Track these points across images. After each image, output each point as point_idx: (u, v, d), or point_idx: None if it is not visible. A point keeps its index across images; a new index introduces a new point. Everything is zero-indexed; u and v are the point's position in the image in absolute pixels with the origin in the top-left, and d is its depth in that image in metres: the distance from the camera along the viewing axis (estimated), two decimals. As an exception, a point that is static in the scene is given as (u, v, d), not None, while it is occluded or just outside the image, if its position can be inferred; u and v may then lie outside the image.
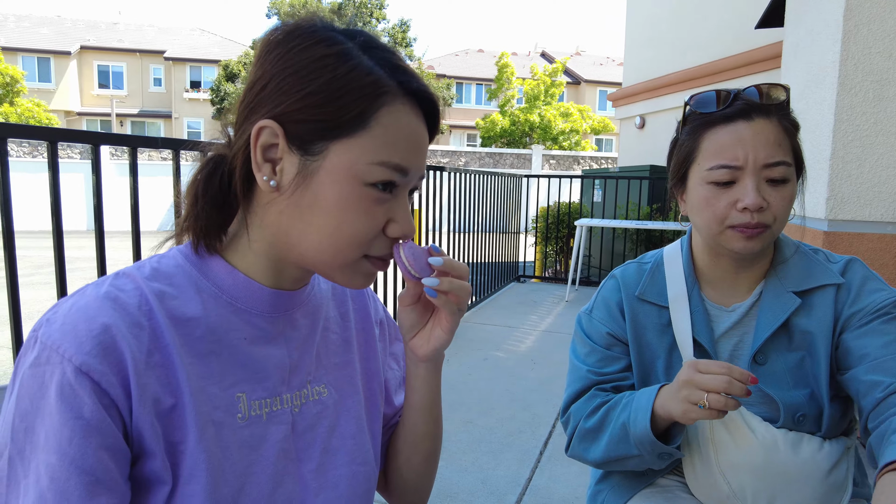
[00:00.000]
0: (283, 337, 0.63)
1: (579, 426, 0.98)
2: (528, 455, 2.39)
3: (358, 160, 0.55)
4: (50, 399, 0.48)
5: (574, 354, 1.06)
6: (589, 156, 19.01)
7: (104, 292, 0.52)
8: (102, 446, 0.48)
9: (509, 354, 3.78)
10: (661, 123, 8.87)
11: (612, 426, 0.92)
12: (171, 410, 0.53)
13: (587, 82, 29.36)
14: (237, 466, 0.56)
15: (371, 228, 0.57)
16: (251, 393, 0.59)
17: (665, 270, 1.02)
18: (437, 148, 17.84)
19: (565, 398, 1.03)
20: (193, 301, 0.57)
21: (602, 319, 1.03)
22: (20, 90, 17.82)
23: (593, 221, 5.48)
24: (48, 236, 1.50)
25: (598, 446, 0.95)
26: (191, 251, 0.60)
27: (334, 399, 0.67)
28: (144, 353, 0.52)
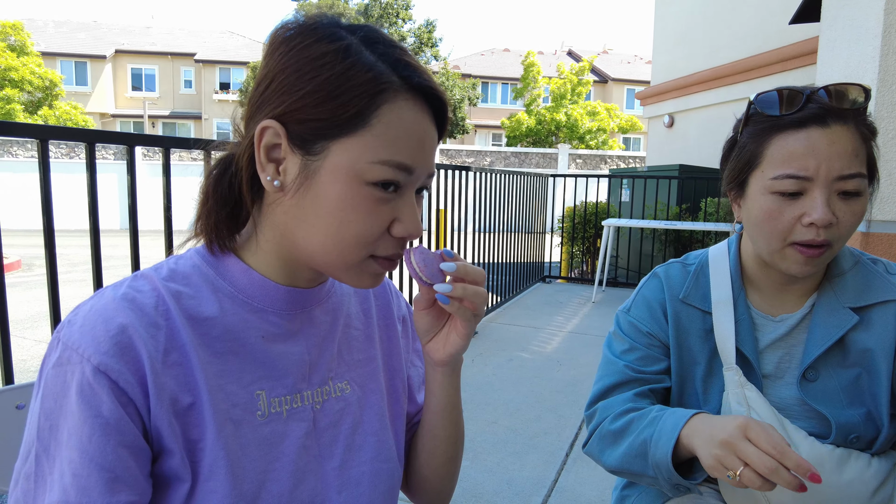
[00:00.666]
0: (302, 334, 0.63)
1: (602, 425, 0.93)
2: (553, 456, 2.37)
3: (359, 159, 0.54)
4: (71, 398, 0.49)
5: (609, 349, 1.02)
6: (616, 155, 18.78)
7: (122, 294, 0.53)
8: (121, 444, 0.49)
9: (534, 355, 3.75)
10: (690, 122, 8.72)
11: (633, 438, 0.86)
12: (188, 409, 0.53)
13: (614, 81, 29.02)
14: (257, 463, 0.56)
15: (375, 228, 0.56)
16: (271, 391, 0.59)
17: (710, 273, 0.97)
18: (462, 147, 17.82)
19: (594, 392, 0.98)
20: (210, 301, 0.58)
21: (641, 319, 0.99)
22: (58, 93, 18.36)
23: (621, 221, 5.42)
24: (82, 235, 1.54)
25: (614, 453, 0.90)
26: (207, 251, 0.61)
27: (357, 395, 0.67)
28: (161, 352, 0.52)
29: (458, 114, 21.49)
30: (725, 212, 5.64)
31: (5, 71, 16.92)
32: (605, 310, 5.14)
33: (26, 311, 5.52)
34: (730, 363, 0.91)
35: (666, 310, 0.97)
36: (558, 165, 17.98)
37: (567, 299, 5.61)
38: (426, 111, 0.57)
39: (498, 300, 5.05)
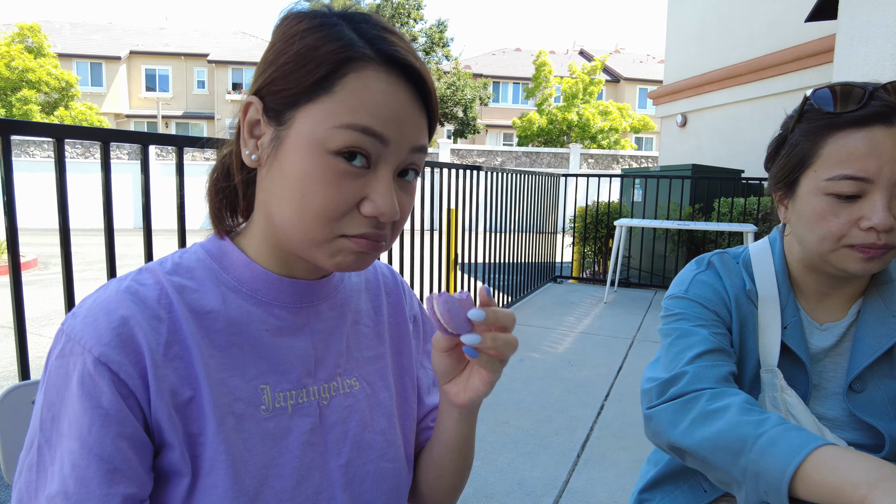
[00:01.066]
0: (308, 328, 0.62)
1: (697, 399, 0.78)
2: (565, 457, 2.36)
3: (320, 125, 0.52)
4: (73, 389, 0.49)
5: (675, 325, 0.90)
6: (628, 155, 18.68)
7: (125, 287, 0.54)
8: (121, 435, 0.49)
9: (546, 356, 3.74)
10: (704, 121, 8.65)
11: (729, 428, 0.72)
12: (188, 402, 0.53)
13: (627, 80, 28.86)
14: (260, 458, 0.56)
15: (338, 203, 0.53)
16: (275, 385, 0.58)
17: (754, 270, 0.93)
18: (474, 147, 17.80)
19: (687, 357, 0.83)
20: (213, 294, 0.57)
21: (707, 299, 0.90)
22: (74, 94, 18.58)
23: (634, 221, 5.38)
24: (96, 234, 1.55)
25: (697, 432, 0.75)
26: (212, 245, 0.61)
27: (366, 393, 0.66)
28: (163, 345, 0.52)
29: (469, 113, 21.48)
30: (739, 212, 5.58)
31: (23, 72, 17.14)
32: (618, 310, 5.11)
33: (42, 308, 5.59)
34: (770, 365, 0.87)
35: (729, 295, 0.90)
36: (570, 165, 17.91)
37: (579, 300, 5.58)
38: (405, 87, 0.54)
39: (508, 300, 5.03)
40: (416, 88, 0.55)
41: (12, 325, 1.31)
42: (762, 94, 7.32)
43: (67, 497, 0.48)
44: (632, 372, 3.44)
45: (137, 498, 0.50)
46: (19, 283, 1.36)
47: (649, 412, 0.84)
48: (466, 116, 21.85)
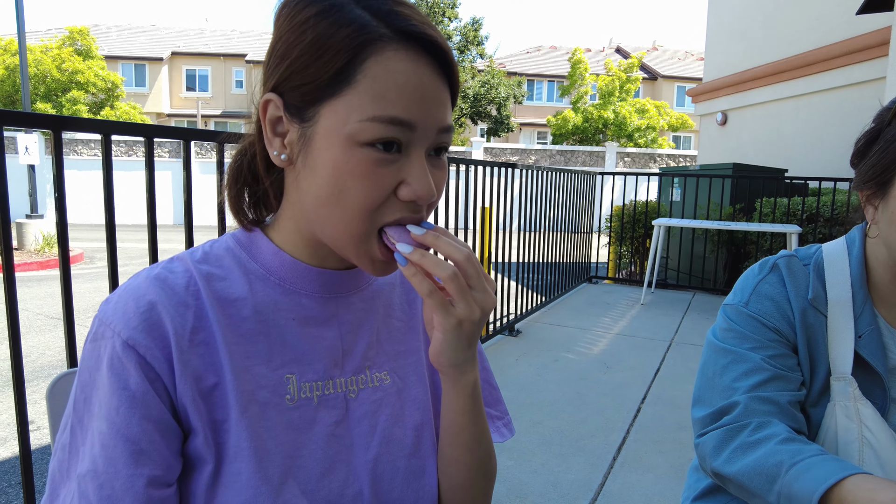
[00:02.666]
0: (336, 319, 0.61)
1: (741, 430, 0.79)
2: (600, 460, 2.32)
3: (348, 119, 0.50)
4: (103, 371, 0.51)
5: (728, 343, 0.88)
6: (666, 153, 18.30)
7: (155, 274, 0.55)
8: (147, 418, 0.50)
9: (580, 357, 3.68)
10: (745, 119, 8.41)
11: (765, 454, 0.74)
12: (212, 389, 0.53)
13: (664, 78, 28.28)
14: (284, 448, 0.55)
15: (376, 193, 0.52)
16: (301, 375, 0.58)
17: (826, 273, 0.87)
18: (507, 146, 17.69)
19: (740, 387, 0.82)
20: (240, 282, 0.57)
21: (766, 314, 0.87)
22: (119, 94, 19.17)
23: (672, 221, 5.26)
24: (138, 229, 1.59)
25: (738, 460, 0.77)
26: (242, 235, 0.61)
27: (398, 387, 0.64)
28: (189, 330, 0.53)
29: (503, 112, 21.36)
30: (782, 212, 5.41)
31: (72, 74, 17.78)
32: (655, 312, 5.01)
33: (88, 301, 5.79)
34: (842, 373, 0.82)
35: (792, 306, 0.86)
36: (605, 164, 17.65)
37: (615, 300, 5.49)
38: (425, 61, 0.52)
39: (542, 300, 4.98)
40: (436, 61, 0.53)
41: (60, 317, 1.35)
42: (808, 90, 7.07)
43: (97, 476, 0.49)
44: (669, 375, 3.36)
45: (163, 481, 0.51)
46: (68, 276, 1.39)
47: (698, 440, 0.85)
48: (500, 115, 21.74)
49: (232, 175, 0.62)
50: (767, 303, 0.87)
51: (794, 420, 0.80)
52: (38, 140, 9.70)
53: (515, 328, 4.28)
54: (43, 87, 17.61)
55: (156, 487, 0.50)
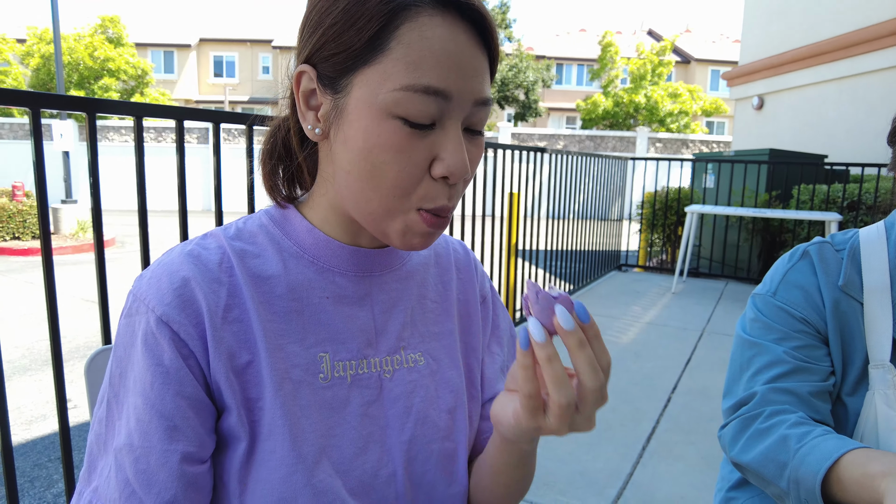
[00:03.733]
0: (370, 299, 0.60)
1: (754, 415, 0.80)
2: (629, 449, 2.29)
3: (380, 89, 0.48)
4: (137, 346, 0.50)
5: (753, 335, 0.87)
6: (699, 139, 17.88)
7: (189, 250, 0.54)
8: (180, 394, 0.50)
9: (609, 345, 3.63)
10: (783, 103, 8.14)
11: (774, 440, 0.75)
12: (246, 366, 0.52)
13: (698, 61, 27.56)
14: (318, 426, 0.54)
15: (411, 169, 0.50)
16: (335, 354, 0.57)
17: (862, 258, 0.84)
18: (535, 131, 17.48)
19: (760, 379, 0.82)
20: (274, 260, 0.57)
21: (794, 303, 0.85)
22: (149, 81, 19.49)
23: (706, 208, 5.12)
24: (167, 215, 1.60)
25: (752, 448, 0.78)
26: (276, 212, 0.60)
27: (432, 369, 0.63)
28: (222, 307, 0.52)
29: (531, 96, 21.11)
30: (821, 200, 5.23)
31: (104, 62, 18.11)
32: (686, 301, 4.91)
33: (119, 284, 5.93)
34: (880, 360, 0.79)
35: (822, 295, 0.84)
36: (636, 149, 17.33)
37: (645, 289, 5.40)
38: (462, 27, 0.49)
39: (570, 288, 4.93)
40: (475, 27, 0.50)
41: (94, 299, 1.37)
42: (851, 72, 6.79)
43: (132, 450, 0.49)
44: (700, 365, 3.30)
45: (197, 457, 0.50)
46: (102, 260, 1.41)
47: (720, 431, 0.86)
48: (528, 99, 21.47)
49: (266, 151, 0.61)
50: (796, 292, 0.85)
51: (814, 410, 0.79)
52: (73, 127, 9.92)
53: (543, 315, 4.24)
54: (76, 75, 18.00)
55: (189, 464, 0.50)
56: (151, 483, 0.49)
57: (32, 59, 17.95)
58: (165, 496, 0.49)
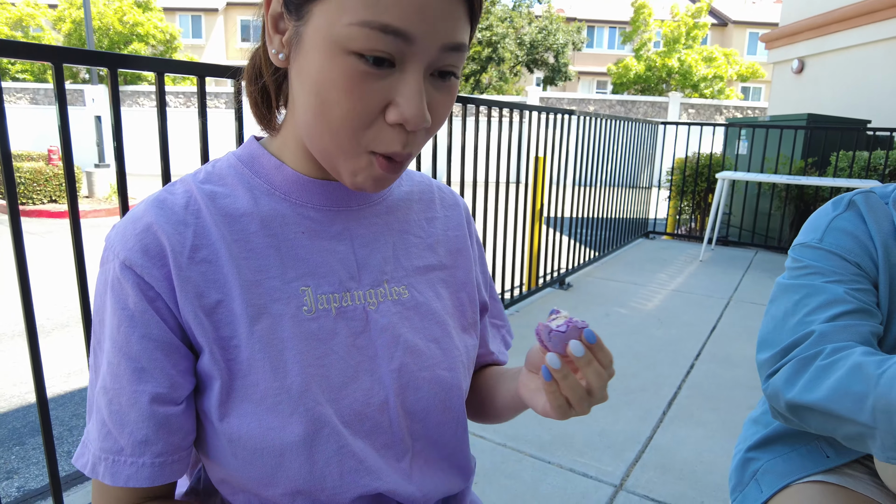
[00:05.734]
0: (348, 233, 0.60)
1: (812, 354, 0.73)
2: (649, 414, 2.28)
3: (336, 21, 0.46)
4: (108, 293, 0.52)
5: (798, 278, 0.81)
6: (733, 105, 17.28)
7: (154, 197, 0.55)
8: (146, 336, 0.51)
9: (633, 312, 3.60)
10: (825, 66, 7.79)
11: (846, 372, 0.67)
12: (216, 306, 0.53)
13: (735, 24, 26.44)
14: (303, 357, 0.54)
15: (361, 110, 0.48)
16: (317, 287, 0.57)
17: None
18: (564, 95, 17.09)
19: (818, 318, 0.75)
20: (245, 198, 0.57)
21: (846, 248, 0.79)
22: (177, 46, 19.56)
23: (737, 175, 4.97)
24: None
25: (817, 387, 0.70)
26: (243, 151, 0.60)
27: (416, 301, 0.63)
28: (188, 248, 0.53)
29: (560, 60, 20.60)
30: (861, 167, 5.03)
31: (133, 26, 18.21)
32: (714, 269, 4.82)
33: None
34: None
35: (874, 241, 0.79)
36: (668, 115, 16.85)
37: (672, 256, 5.32)
38: None
39: (595, 255, 4.88)
40: None
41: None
42: (900, 32, 6.44)
43: (106, 392, 0.52)
44: (726, 333, 3.25)
45: (168, 398, 0.51)
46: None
47: (767, 382, 0.76)
48: (558, 63, 20.95)
49: (248, 78, 0.61)
50: (846, 237, 0.80)
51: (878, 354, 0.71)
52: (104, 92, 10.04)
53: (566, 282, 4.22)
54: (106, 41, 18.15)
55: (160, 404, 0.51)
56: (124, 423, 0.51)
57: (64, 25, 18.14)
58: (138, 435, 0.51)
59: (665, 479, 1.84)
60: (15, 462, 2.05)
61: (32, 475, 1.98)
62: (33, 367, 1.31)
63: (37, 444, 2.18)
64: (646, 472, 1.89)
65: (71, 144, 1.31)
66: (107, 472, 0.51)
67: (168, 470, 0.52)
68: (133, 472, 0.51)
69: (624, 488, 1.80)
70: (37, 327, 1.30)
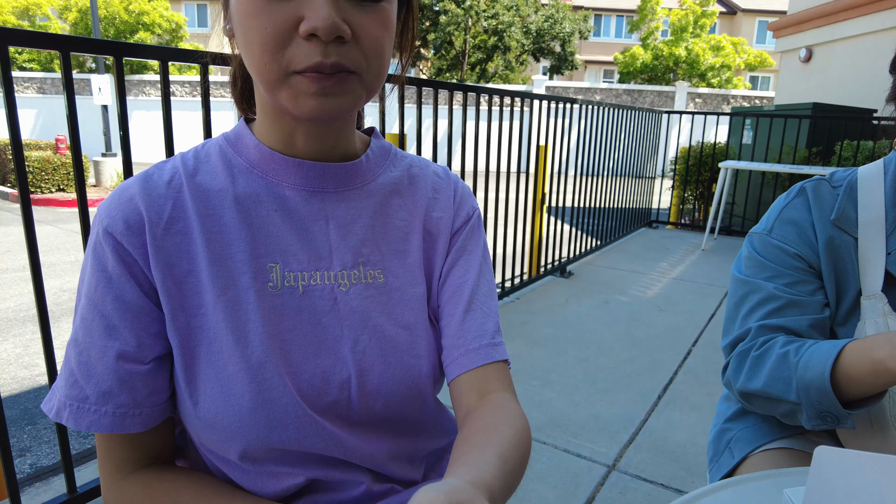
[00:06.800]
0: (324, 214, 0.62)
1: (748, 347, 0.85)
2: (644, 398, 2.32)
3: None
4: (89, 254, 0.57)
5: (745, 274, 0.90)
6: (741, 94, 17.15)
7: (144, 172, 0.60)
8: (120, 298, 0.55)
9: (633, 299, 3.64)
10: (833, 55, 7.72)
11: (776, 359, 0.80)
12: (186, 275, 0.57)
13: (744, 12, 26.14)
14: (267, 329, 0.57)
15: (273, 29, 0.50)
16: (285, 265, 0.60)
17: (858, 194, 0.86)
18: (570, 84, 17.01)
19: (754, 316, 0.86)
20: (222, 175, 0.60)
21: (788, 240, 0.87)
22: (183, 35, 19.55)
23: (740, 164, 4.97)
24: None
25: (756, 375, 0.82)
26: (232, 132, 0.64)
27: (392, 286, 0.64)
28: (165, 220, 0.57)
29: (567, 48, 20.46)
30: (865, 156, 5.02)
31: (139, 15, 18.21)
32: (716, 258, 4.84)
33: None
34: (872, 291, 0.81)
35: (815, 230, 0.86)
36: (675, 104, 16.75)
37: (674, 245, 5.34)
38: None
39: (597, 243, 4.90)
40: None
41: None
42: (909, 20, 6.39)
43: (77, 344, 0.56)
44: (725, 320, 3.28)
45: (133, 357, 0.55)
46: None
47: (723, 374, 0.90)
48: (564, 52, 20.80)
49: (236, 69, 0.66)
50: (790, 228, 0.88)
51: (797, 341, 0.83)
52: (110, 81, 10.09)
53: (567, 270, 4.25)
54: (112, 29, 18.16)
55: (125, 361, 0.55)
56: (91, 374, 0.55)
57: (70, 14, 18.17)
58: (102, 387, 0.55)
59: (657, 461, 1.89)
60: (27, 441, 2.12)
61: (44, 453, 2.04)
62: (45, 351, 1.36)
63: (48, 423, 2.25)
64: (639, 453, 1.93)
65: (78, 131, 1.35)
66: (70, 417, 0.55)
67: (129, 421, 0.56)
68: (95, 419, 0.55)
69: (617, 468, 1.84)
70: (48, 313, 1.35)
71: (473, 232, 0.71)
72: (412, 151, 2.77)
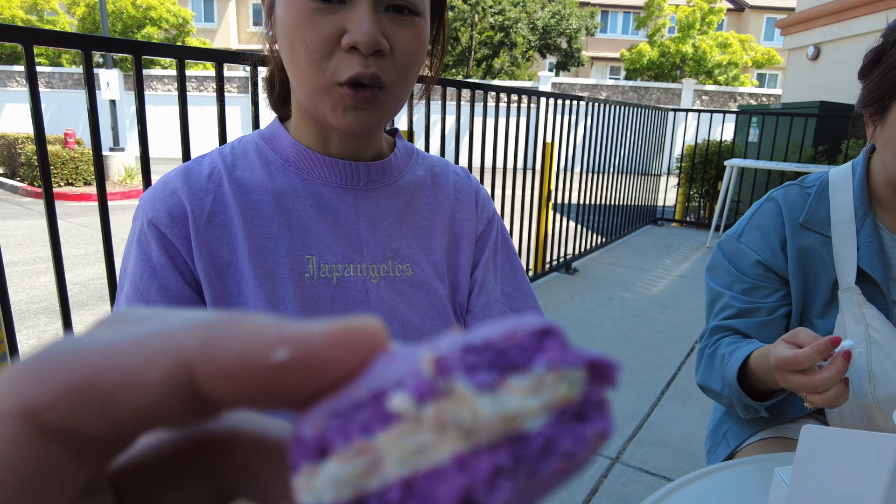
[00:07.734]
0: (356, 210, 0.65)
1: (703, 348, 0.97)
2: (648, 393, 2.36)
3: None
4: (134, 245, 0.60)
5: (713, 280, 0.99)
6: (748, 92, 17.08)
7: (184, 166, 0.63)
8: (164, 287, 0.58)
9: (638, 296, 3.66)
10: (842, 53, 7.69)
11: (718, 359, 0.92)
12: (227, 266, 0.60)
13: (752, 9, 26.00)
14: (305, 318, 0.59)
15: (318, 40, 0.53)
16: (321, 257, 0.62)
17: (830, 195, 0.90)
18: (576, 81, 17.00)
19: (714, 321, 0.97)
20: (260, 171, 0.64)
21: (754, 245, 0.94)
22: (190, 30, 19.62)
23: (746, 162, 4.99)
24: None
25: (705, 370, 0.95)
26: (267, 129, 0.67)
27: (419, 279, 0.67)
28: (207, 213, 0.60)
29: (573, 45, 20.42)
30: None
31: (146, 10, 18.28)
32: (719, 256, 4.86)
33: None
34: (847, 284, 0.86)
35: (784, 236, 0.92)
36: (682, 102, 16.69)
37: (679, 243, 5.36)
38: None
39: (602, 240, 4.93)
40: None
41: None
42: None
43: None
44: (729, 317, 3.31)
45: None
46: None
47: (697, 381, 1.00)
48: (570, 48, 20.77)
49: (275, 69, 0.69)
50: (756, 233, 0.94)
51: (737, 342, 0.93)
52: (118, 76, 10.15)
53: (573, 266, 4.28)
54: (120, 24, 18.23)
55: None
56: None
57: (78, 9, 18.25)
58: None
59: (660, 454, 1.92)
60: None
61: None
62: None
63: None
64: (641, 446, 1.97)
65: (99, 128, 1.39)
66: None
67: None
68: None
69: (620, 461, 1.88)
70: (70, 305, 1.39)
71: (499, 240, 0.76)
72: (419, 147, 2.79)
